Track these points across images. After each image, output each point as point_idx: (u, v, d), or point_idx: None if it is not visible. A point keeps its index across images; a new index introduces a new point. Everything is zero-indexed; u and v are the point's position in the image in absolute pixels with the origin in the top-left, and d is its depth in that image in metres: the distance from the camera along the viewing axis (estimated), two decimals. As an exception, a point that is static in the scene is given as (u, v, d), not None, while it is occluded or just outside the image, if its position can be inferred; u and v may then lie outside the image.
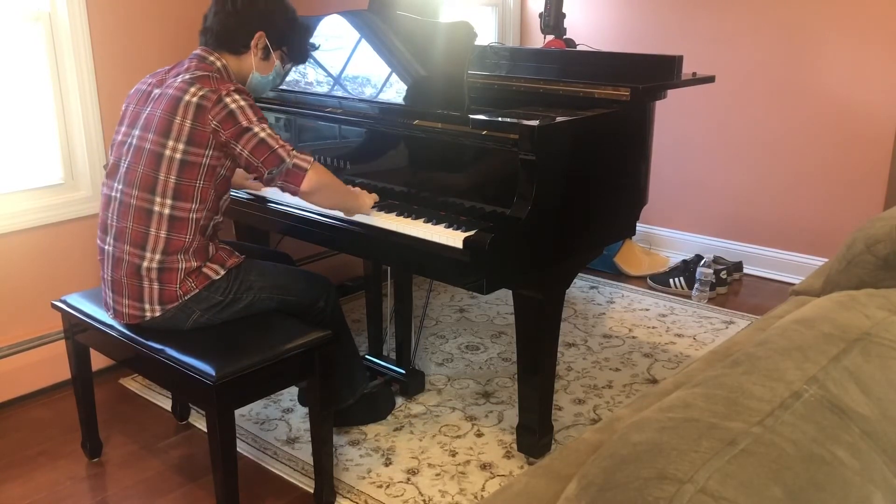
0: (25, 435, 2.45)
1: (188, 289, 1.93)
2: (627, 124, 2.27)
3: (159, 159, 1.89)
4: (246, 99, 1.92)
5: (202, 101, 1.88)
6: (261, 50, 2.07)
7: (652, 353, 2.98)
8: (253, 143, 1.90)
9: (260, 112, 1.94)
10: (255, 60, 2.07)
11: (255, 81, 2.11)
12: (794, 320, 1.09)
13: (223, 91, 1.89)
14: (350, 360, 2.31)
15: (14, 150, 2.58)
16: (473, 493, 2.13)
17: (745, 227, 3.79)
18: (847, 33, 3.33)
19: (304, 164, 1.94)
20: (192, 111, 1.87)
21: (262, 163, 1.91)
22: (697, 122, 3.82)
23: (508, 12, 4.31)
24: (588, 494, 0.79)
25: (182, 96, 1.89)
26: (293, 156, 1.94)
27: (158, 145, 1.89)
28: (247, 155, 1.91)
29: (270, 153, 1.91)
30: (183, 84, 1.92)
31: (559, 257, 2.11)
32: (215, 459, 1.86)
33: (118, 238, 1.95)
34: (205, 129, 1.87)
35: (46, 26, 2.56)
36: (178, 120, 1.88)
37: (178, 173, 1.89)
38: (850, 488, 0.79)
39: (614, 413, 1.35)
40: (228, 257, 2.02)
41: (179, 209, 1.90)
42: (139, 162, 1.92)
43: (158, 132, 1.90)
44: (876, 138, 3.34)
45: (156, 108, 1.93)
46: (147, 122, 1.93)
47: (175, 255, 1.92)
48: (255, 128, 1.90)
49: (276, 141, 1.92)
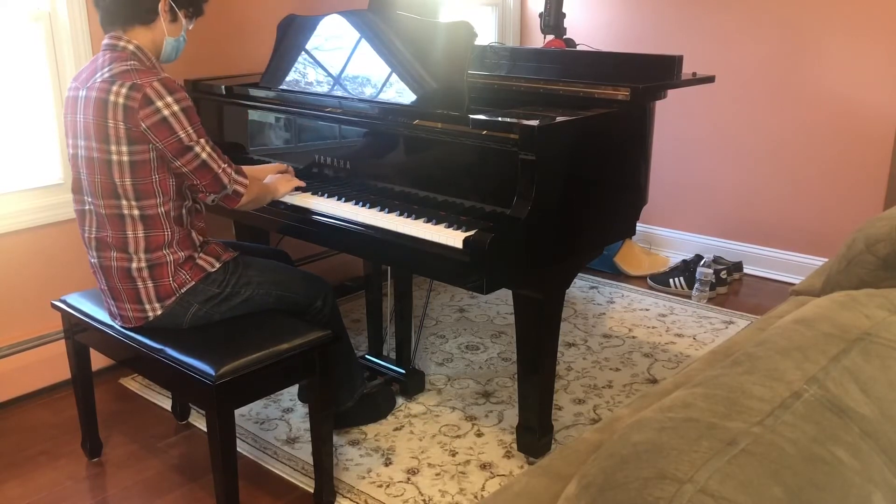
0: (25, 435, 2.44)
1: (183, 281, 1.94)
2: (627, 124, 2.27)
3: (109, 165, 1.87)
4: (178, 100, 1.85)
5: (128, 101, 1.82)
6: (167, 13, 1.98)
7: (652, 353, 2.97)
8: (195, 164, 1.90)
9: (195, 115, 1.90)
10: (165, 25, 1.98)
11: (169, 47, 2.02)
12: (794, 320, 1.09)
13: (147, 88, 1.83)
14: (348, 363, 2.31)
15: (14, 150, 2.58)
16: (473, 493, 2.13)
17: (745, 227, 3.79)
18: (847, 33, 3.33)
19: (241, 190, 2.00)
20: (121, 112, 1.83)
21: (205, 186, 1.94)
22: (697, 122, 3.82)
23: (508, 12, 4.30)
24: (588, 494, 0.79)
25: (107, 97, 1.84)
26: (233, 181, 1.97)
27: (104, 152, 1.87)
28: (187, 172, 1.91)
29: (212, 178, 1.94)
30: (104, 84, 1.86)
31: (559, 257, 2.11)
32: (215, 459, 1.86)
33: (102, 248, 1.96)
34: (137, 128, 1.84)
35: (46, 26, 2.56)
36: (111, 123, 1.84)
37: (132, 174, 1.87)
38: (850, 488, 0.79)
39: (614, 413, 1.35)
40: (223, 251, 2.04)
41: (146, 207, 1.90)
42: (94, 172, 1.90)
43: (98, 139, 1.87)
44: (876, 138, 3.34)
45: (87, 114, 1.88)
46: (85, 130, 1.90)
47: (159, 250, 1.93)
48: (196, 147, 1.88)
49: (216, 162, 1.93)
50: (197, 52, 2.89)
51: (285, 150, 2.56)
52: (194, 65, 2.89)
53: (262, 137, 2.65)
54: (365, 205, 2.20)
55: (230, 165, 1.97)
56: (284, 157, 2.55)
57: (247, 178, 2.02)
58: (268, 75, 2.61)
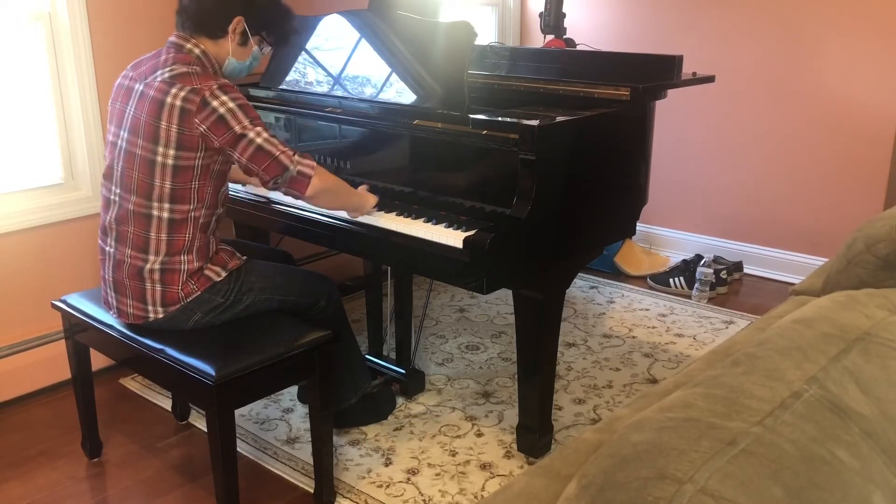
0: (25, 435, 2.44)
1: (190, 291, 1.93)
2: (627, 124, 2.27)
3: (152, 166, 1.86)
4: (234, 98, 1.85)
5: (186, 103, 1.82)
6: (238, 35, 1.97)
7: (652, 353, 2.97)
8: (250, 150, 1.85)
9: (252, 111, 1.88)
10: (231, 46, 1.98)
11: (230, 67, 2.01)
12: (794, 320, 1.09)
13: (206, 91, 1.82)
14: (352, 359, 2.31)
15: (14, 150, 2.58)
16: (473, 493, 2.13)
17: (745, 227, 3.79)
18: (847, 33, 3.33)
19: (308, 171, 1.90)
20: (176, 115, 1.82)
21: (264, 170, 1.87)
22: (697, 122, 3.82)
23: (508, 12, 4.30)
24: (588, 494, 0.79)
25: (164, 99, 1.83)
26: (296, 162, 1.89)
27: (149, 151, 1.85)
28: (245, 162, 1.87)
29: (271, 160, 1.87)
30: (163, 85, 1.85)
31: (559, 257, 2.11)
32: (215, 459, 1.86)
33: (120, 241, 1.94)
34: (192, 132, 1.83)
35: (46, 26, 2.56)
36: (164, 125, 1.83)
37: (173, 178, 1.86)
38: (850, 488, 0.79)
39: (614, 413, 1.35)
40: (230, 259, 2.01)
41: (178, 211, 1.89)
42: (133, 167, 1.88)
43: (147, 138, 1.85)
44: (876, 138, 3.34)
45: (140, 111, 1.87)
46: (134, 125, 1.88)
47: (178, 255, 1.91)
48: (251, 133, 1.84)
49: (275, 146, 1.87)
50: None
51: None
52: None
53: (262, 137, 2.64)
54: (365, 205, 2.19)
55: (292, 150, 1.90)
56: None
57: (314, 162, 1.93)
58: (268, 75, 2.61)
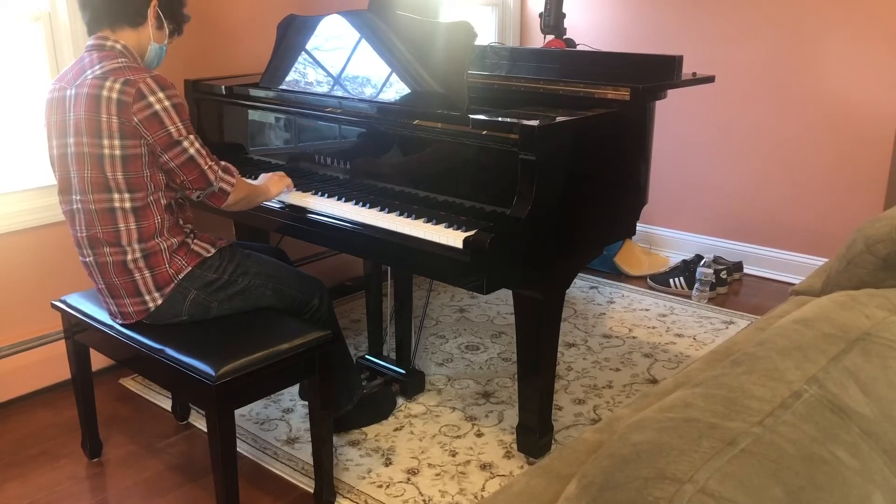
0: (25, 435, 2.44)
1: (179, 267, 1.96)
2: (627, 124, 2.27)
3: (101, 160, 1.88)
4: (170, 96, 1.88)
5: (122, 95, 1.84)
6: (156, 19, 2.01)
7: (652, 353, 2.97)
8: (183, 158, 1.92)
9: (186, 112, 1.93)
10: (151, 30, 2.01)
11: (152, 53, 2.05)
12: (794, 320, 1.09)
13: (141, 84, 1.85)
14: (346, 366, 2.31)
15: (14, 151, 2.58)
16: (473, 493, 2.13)
17: (745, 227, 3.79)
18: (847, 33, 3.33)
19: (228, 189, 2.02)
20: (115, 106, 1.85)
21: (191, 181, 1.96)
22: (697, 122, 3.82)
23: (508, 12, 4.30)
24: (588, 494, 0.79)
25: (100, 93, 1.86)
26: (219, 178, 1.99)
27: (96, 147, 1.88)
28: (174, 167, 1.92)
29: (199, 174, 1.95)
30: (96, 80, 1.87)
31: (559, 257, 2.11)
32: (215, 459, 1.86)
33: (94, 245, 1.96)
34: (130, 122, 1.85)
35: (46, 26, 2.56)
36: (105, 117, 1.85)
37: (124, 168, 1.88)
38: (850, 488, 0.79)
39: (614, 413, 1.35)
40: (216, 239, 2.07)
41: (138, 199, 1.92)
42: (84, 167, 1.91)
43: (91, 133, 1.88)
44: (876, 139, 3.34)
45: (79, 111, 1.89)
46: (76, 126, 1.90)
47: (152, 239, 1.94)
48: (185, 142, 1.91)
49: (203, 158, 1.95)
50: (197, 52, 2.90)
51: (285, 150, 2.56)
52: (194, 65, 2.89)
53: (263, 137, 2.65)
54: (365, 205, 2.20)
55: (217, 164, 1.99)
56: (285, 158, 2.55)
57: (234, 177, 2.03)
58: (268, 75, 2.61)
